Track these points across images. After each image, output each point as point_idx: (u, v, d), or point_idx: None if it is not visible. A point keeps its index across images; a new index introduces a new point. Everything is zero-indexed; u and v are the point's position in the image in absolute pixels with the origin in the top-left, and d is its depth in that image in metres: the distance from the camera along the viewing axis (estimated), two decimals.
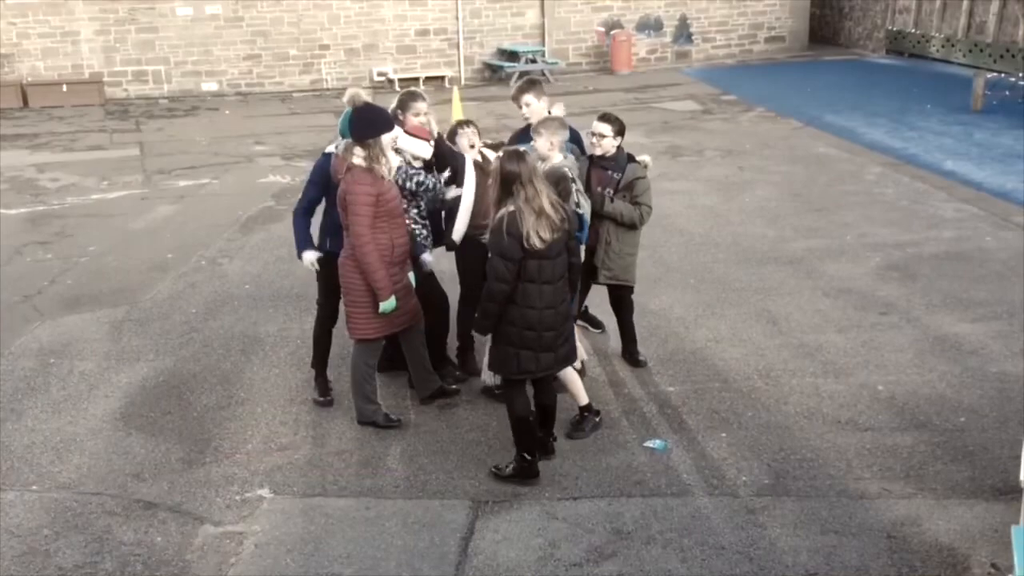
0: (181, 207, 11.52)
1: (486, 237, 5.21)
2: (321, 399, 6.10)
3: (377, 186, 5.20)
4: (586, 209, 5.73)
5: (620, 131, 6.01)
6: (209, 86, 20.70)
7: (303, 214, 5.85)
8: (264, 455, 5.47)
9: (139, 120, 18.03)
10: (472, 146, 6.03)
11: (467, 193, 5.89)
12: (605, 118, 6.04)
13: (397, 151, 5.64)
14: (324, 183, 5.75)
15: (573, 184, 5.57)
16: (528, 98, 6.18)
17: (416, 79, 21.04)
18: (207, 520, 4.80)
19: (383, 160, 5.26)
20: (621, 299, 6.42)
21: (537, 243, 4.67)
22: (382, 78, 21.24)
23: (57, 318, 7.69)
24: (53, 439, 5.64)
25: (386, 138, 5.32)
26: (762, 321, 7.25)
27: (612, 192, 6.01)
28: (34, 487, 5.11)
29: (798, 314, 7.37)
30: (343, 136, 5.60)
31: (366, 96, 5.42)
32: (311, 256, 5.83)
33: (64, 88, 19.56)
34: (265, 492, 5.06)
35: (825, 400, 5.97)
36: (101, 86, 19.90)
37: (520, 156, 4.79)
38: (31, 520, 4.80)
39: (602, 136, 5.97)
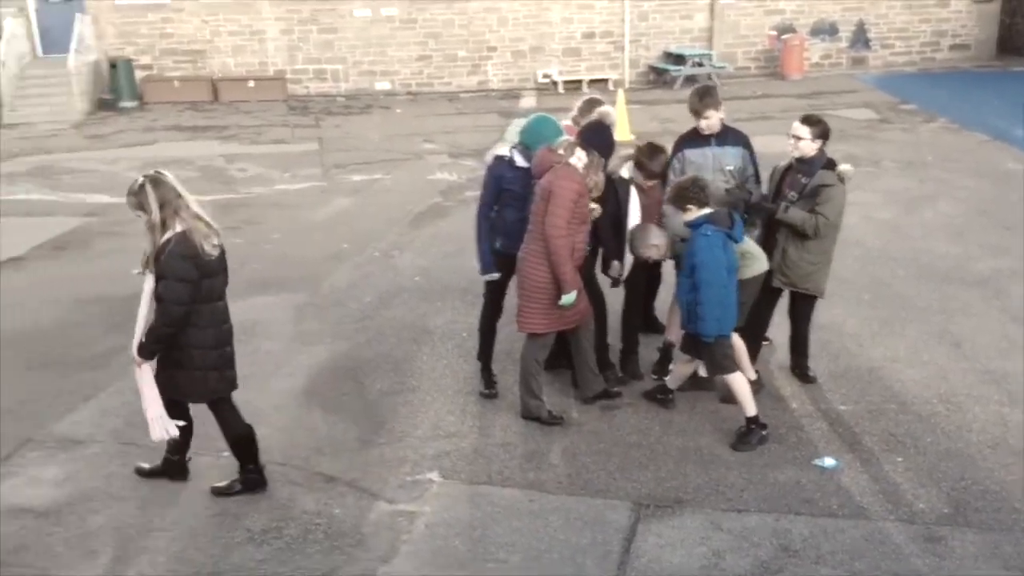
0: (356, 200, 12.05)
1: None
2: (486, 391, 6.27)
3: (581, 186, 5.42)
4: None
5: (821, 135, 5.86)
6: (382, 85, 21.50)
7: (488, 228, 6.03)
8: (433, 441, 5.68)
9: (318, 116, 18.95)
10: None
11: (633, 211, 6.03)
12: (806, 120, 5.91)
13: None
14: (497, 186, 5.95)
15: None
16: (711, 111, 6.11)
17: (580, 82, 21.16)
18: (381, 497, 5.04)
19: (593, 175, 5.56)
20: (799, 308, 6.26)
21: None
22: (547, 80, 21.48)
23: (245, 299, 8.18)
24: (243, 410, 6.01)
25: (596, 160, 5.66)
26: (944, 343, 6.92)
27: (797, 196, 5.87)
28: (225, 454, 5.47)
29: (984, 338, 6.99)
30: (525, 142, 5.81)
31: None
32: (492, 277, 6.06)
33: (251, 84, 20.78)
34: (434, 476, 5.26)
35: (1012, 430, 5.65)
36: (284, 83, 21.02)
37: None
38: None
39: (798, 138, 5.85)
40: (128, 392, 6.30)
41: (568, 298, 5.49)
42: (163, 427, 4.87)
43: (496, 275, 6.10)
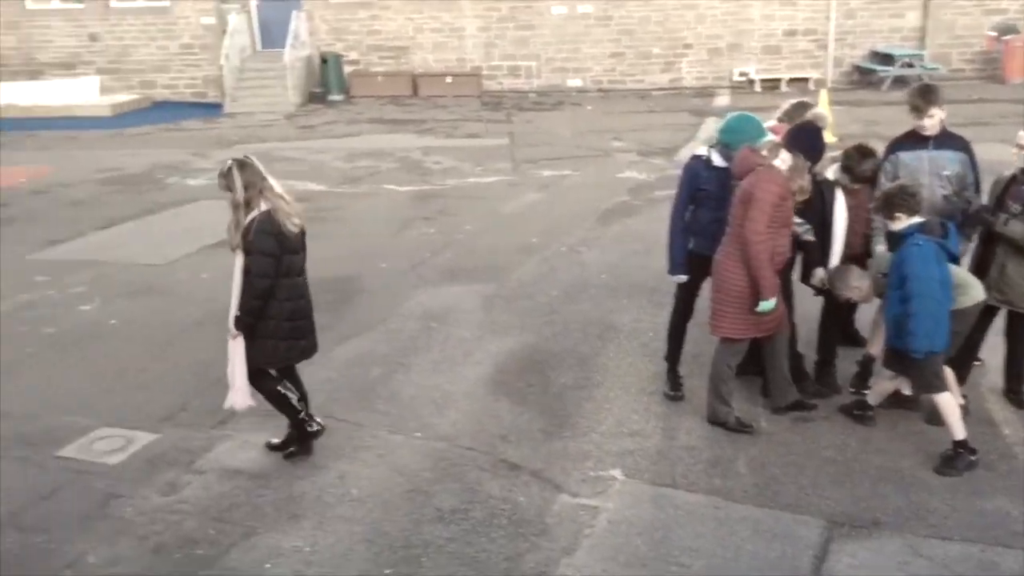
0: (545, 195, 12.22)
1: None
2: (672, 393, 6.20)
3: (784, 189, 5.26)
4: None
5: None
6: (574, 82, 21.67)
7: (682, 229, 5.95)
8: (616, 438, 5.68)
9: (510, 112, 19.33)
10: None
11: (839, 215, 5.78)
12: None
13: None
14: (692, 185, 5.86)
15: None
16: (935, 109, 5.77)
17: (778, 81, 20.52)
18: (564, 489, 5.10)
19: (798, 178, 5.41)
20: (1016, 328, 5.82)
21: None
22: (743, 79, 20.98)
23: (438, 287, 8.53)
24: (433, 394, 6.28)
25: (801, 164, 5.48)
26: None
27: (1021, 209, 5.45)
28: (417, 434, 5.73)
29: None
30: (725, 142, 5.69)
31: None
32: (681, 278, 5.98)
33: (448, 80, 21.47)
34: (617, 473, 5.27)
35: None
36: (479, 79, 21.59)
37: None
38: (415, 463, 5.39)
39: (1021, 148, 5.45)
40: (331, 369, 6.71)
41: (766, 304, 5.34)
42: (244, 399, 5.25)
43: (684, 277, 6.01)
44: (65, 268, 9.31)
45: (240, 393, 5.27)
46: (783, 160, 5.39)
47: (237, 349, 5.23)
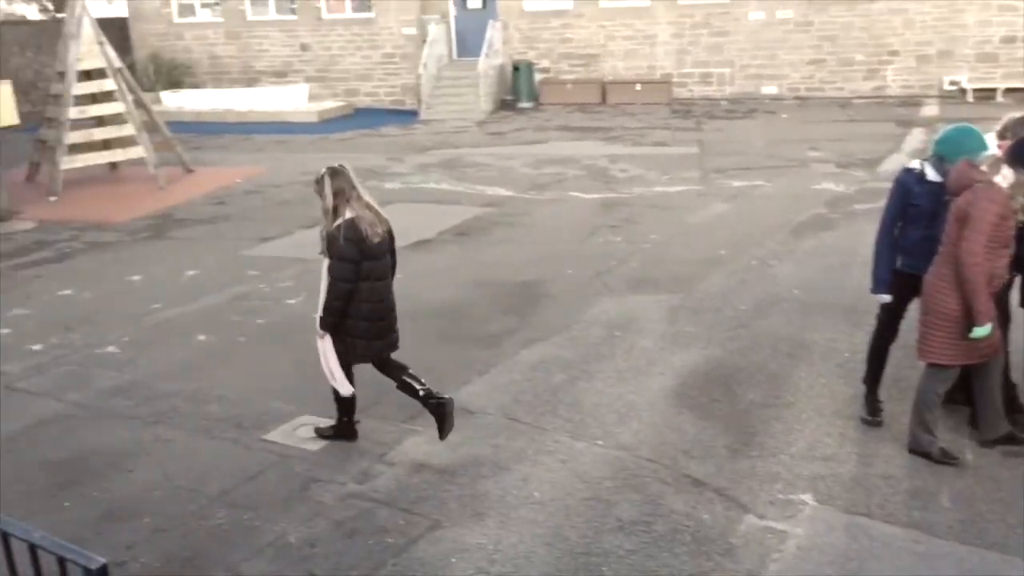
0: (734, 206, 11.93)
1: None
2: (869, 418, 5.90)
3: (1004, 208, 4.90)
4: None
5: None
6: (769, 89, 21.05)
7: (889, 244, 5.66)
8: (807, 461, 5.46)
9: (700, 120, 19.02)
10: None
11: None
12: None
13: None
14: (903, 200, 5.55)
15: None
16: None
17: (993, 90, 19.12)
18: (750, 511, 4.95)
19: (1020, 195, 5.02)
20: None
21: None
22: (953, 87, 19.70)
23: (622, 296, 8.50)
24: (616, 403, 6.27)
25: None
26: None
27: None
28: (599, 442, 5.73)
29: None
30: (942, 154, 5.36)
31: None
32: (885, 299, 5.69)
33: (638, 87, 21.38)
34: (808, 498, 5.07)
35: None
36: (669, 86, 21.37)
37: None
38: (596, 471, 5.40)
39: None
40: (515, 371, 6.83)
41: (981, 331, 4.98)
42: (346, 385, 5.64)
43: (888, 297, 5.72)
44: (274, 264, 9.95)
45: (342, 383, 5.65)
46: (1004, 176, 5.01)
47: (326, 347, 5.60)
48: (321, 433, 5.91)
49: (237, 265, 9.94)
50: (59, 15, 28.02)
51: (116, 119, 14.61)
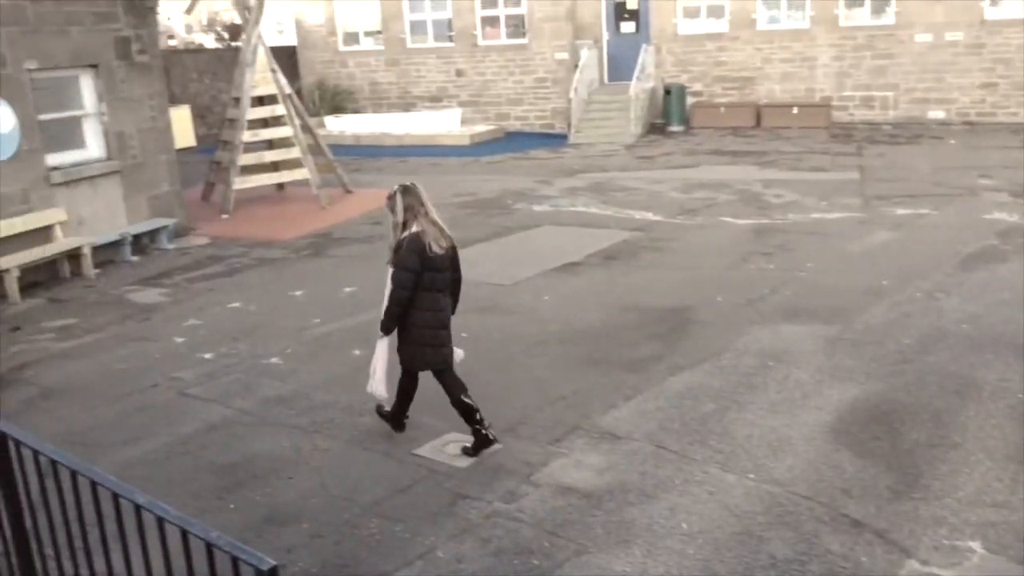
0: (898, 235, 11.40)
1: None
2: None
3: None
4: None
5: None
6: (935, 114, 20.08)
7: None
8: (976, 507, 5.13)
9: (861, 144, 18.31)
10: None
11: None
12: None
13: None
14: None
15: None
16: None
17: None
18: (913, 555, 4.69)
19: None
20: None
21: None
22: None
23: (776, 325, 8.26)
24: (769, 436, 6.08)
25: None
26: None
27: None
28: (751, 475, 5.57)
29: None
30: None
31: None
32: None
33: (794, 111, 20.82)
34: (976, 545, 4.76)
35: None
36: (828, 110, 20.70)
37: None
38: (747, 505, 5.25)
39: None
40: (663, 398, 6.74)
41: None
42: (381, 387, 6.04)
43: None
44: None
45: (379, 383, 6.04)
46: None
47: (381, 348, 6.05)
48: (381, 411, 6.41)
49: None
50: (234, 44, 29.91)
51: (284, 142, 15.41)
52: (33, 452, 3.22)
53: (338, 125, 23.41)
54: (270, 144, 15.61)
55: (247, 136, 14.98)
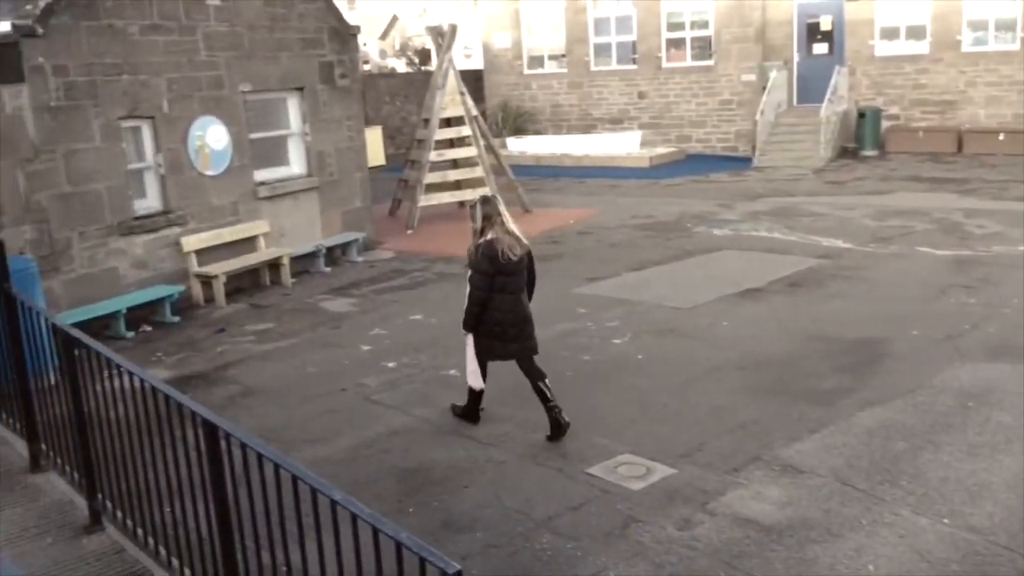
0: None
1: None
2: None
3: None
4: None
5: None
6: None
7: None
8: None
9: None
10: None
11: None
12: None
13: None
14: None
15: None
16: None
17: None
18: None
19: None
20: None
21: None
22: None
23: (977, 363, 7.71)
24: (967, 480, 5.68)
25: None
26: None
27: None
28: (945, 520, 5.22)
29: None
30: None
31: None
32: None
33: (1000, 137, 19.47)
34: None
35: None
36: None
37: None
38: (941, 551, 4.92)
39: None
40: (850, 434, 6.44)
41: None
42: (477, 379, 6.73)
43: None
44: (602, 303, 10.23)
45: (473, 376, 6.74)
46: None
47: (469, 343, 6.74)
48: (454, 410, 7.06)
49: (567, 302, 10.32)
50: (424, 68, 31.17)
51: (468, 162, 15.89)
52: (241, 444, 3.45)
53: (519, 146, 23.88)
54: (455, 163, 16.13)
55: (434, 156, 15.54)
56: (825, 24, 21.99)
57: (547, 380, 6.68)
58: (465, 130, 15.82)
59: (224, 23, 11.30)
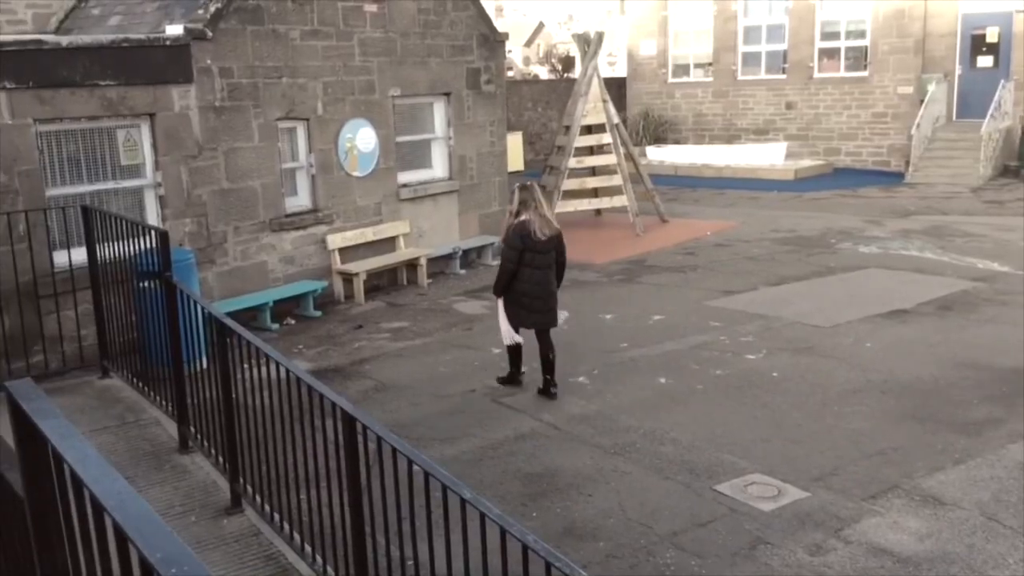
0: None
1: None
2: None
3: None
4: None
5: None
6: None
7: None
8: None
9: None
10: None
11: None
12: None
13: None
14: None
15: None
16: None
17: None
18: None
19: None
20: None
21: None
22: None
23: None
24: None
25: None
26: None
27: None
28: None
29: None
30: None
31: None
32: None
33: None
34: None
35: None
36: None
37: None
38: None
39: None
40: (999, 467, 6.09)
41: None
42: (510, 336, 7.79)
43: None
44: (737, 317, 10.01)
45: (506, 335, 7.82)
46: None
47: (500, 307, 7.77)
48: (500, 380, 8.02)
49: (700, 315, 10.17)
50: (566, 75, 31.32)
51: (607, 170, 15.85)
52: (377, 438, 3.57)
53: (659, 155, 23.65)
54: (593, 171, 16.12)
55: (572, 162, 15.59)
56: (991, 36, 20.81)
57: (554, 355, 7.73)
58: (606, 138, 15.80)
59: (379, 29, 11.69)
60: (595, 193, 16.15)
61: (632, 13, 26.36)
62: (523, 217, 7.51)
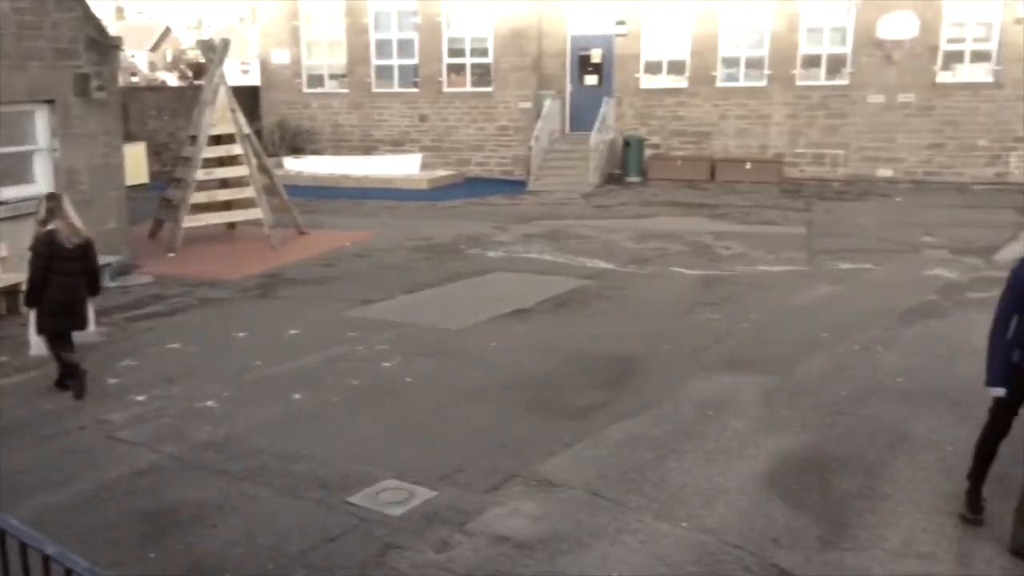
0: (840, 289, 11.62)
1: None
2: (971, 516, 5.57)
3: None
4: None
5: None
6: (884, 172, 20.62)
7: (1003, 339, 5.43)
8: (902, 558, 5.19)
9: (810, 200, 18.71)
10: None
11: None
12: None
13: None
14: (1018, 292, 5.34)
15: None
16: None
17: None
18: None
19: None
20: None
21: None
22: None
23: (718, 375, 8.33)
24: (703, 485, 6.10)
25: None
26: None
27: None
28: (684, 524, 5.58)
29: None
30: None
31: None
32: (999, 392, 5.43)
33: (748, 166, 21.26)
34: None
35: None
36: (780, 166, 21.18)
37: None
38: (678, 554, 5.25)
39: None
40: (602, 447, 6.75)
41: None
42: (38, 347, 7.96)
43: (1002, 391, 5.45)
44: (374, 326, 10.16)
45: (34, 346, 8.07)
46: None
47: (31, 316, 7.92)
48: (56, 382, 8.03)
49: (338, 326, 10.19)
50: (197, 82, 29.91)
51: (239, 182, 15.35)
52: None
53: (297, 165, 23.39)
54: (223, 183, 15.54)
55: (201, 174, 14.91)
56: (596, 57, 23.17)
57: (77, 359, 7.90)
58: (236, 148, 15.29)
59: None
60: (227, 206, 15.58)
61: (262, 21, 25.82)
62: (51, 226, 7.66)
